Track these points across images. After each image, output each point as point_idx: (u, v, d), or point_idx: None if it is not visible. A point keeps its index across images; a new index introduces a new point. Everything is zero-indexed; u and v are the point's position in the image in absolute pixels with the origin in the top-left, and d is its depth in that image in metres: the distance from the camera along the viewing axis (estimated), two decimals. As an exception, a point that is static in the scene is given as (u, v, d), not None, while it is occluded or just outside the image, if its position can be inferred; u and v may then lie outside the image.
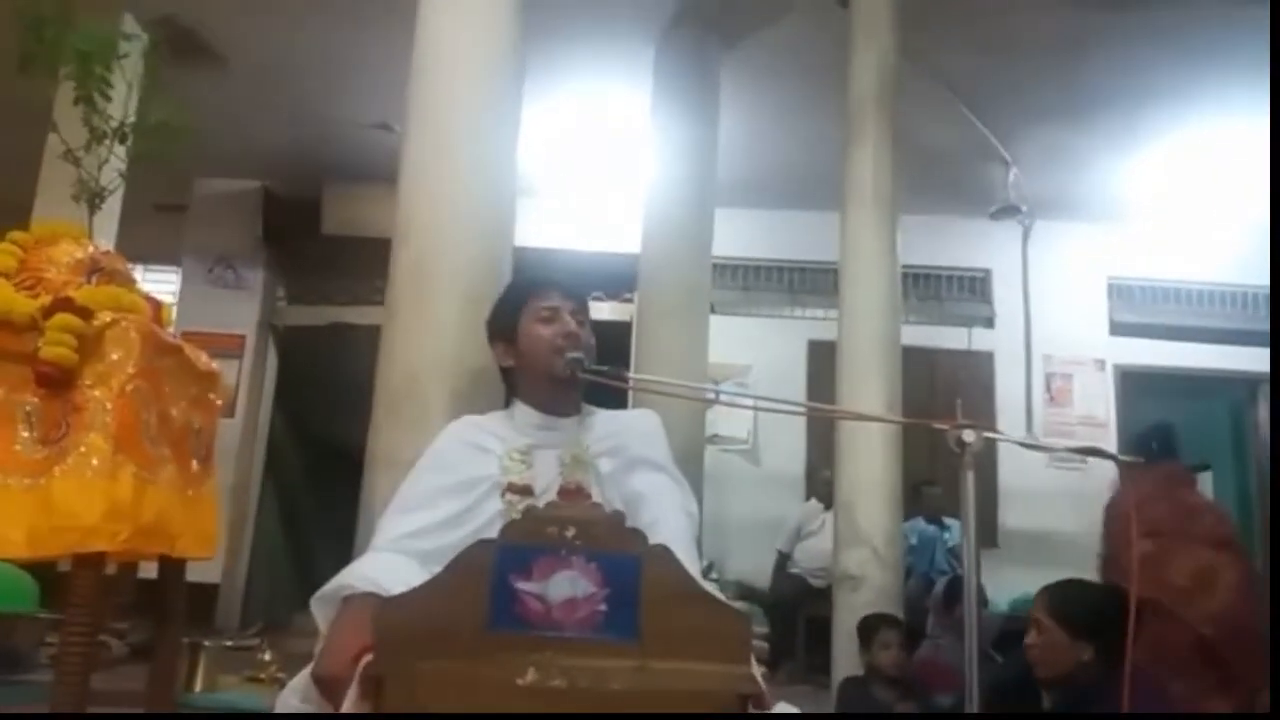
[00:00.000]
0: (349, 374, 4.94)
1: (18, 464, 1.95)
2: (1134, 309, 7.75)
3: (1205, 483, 8.37)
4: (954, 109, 6.11)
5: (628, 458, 1.80)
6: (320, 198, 7.37)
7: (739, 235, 7.02)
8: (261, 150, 7.12)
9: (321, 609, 1.58)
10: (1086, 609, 2.51)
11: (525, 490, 1.74)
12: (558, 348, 1.79)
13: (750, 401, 6.60)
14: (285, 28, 5.65)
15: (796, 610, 5.97)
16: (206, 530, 2.19)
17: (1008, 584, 5.97)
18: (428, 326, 3.30)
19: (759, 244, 7.61)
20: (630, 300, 6.69)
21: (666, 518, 1.68)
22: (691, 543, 1.71)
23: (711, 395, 5.68)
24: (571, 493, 1.74)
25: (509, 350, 1.87)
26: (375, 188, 5.78)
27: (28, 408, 1.98)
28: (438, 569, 1.29)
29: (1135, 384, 7.60)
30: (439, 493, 1.73)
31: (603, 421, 1.87)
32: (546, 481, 1.76)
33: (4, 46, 2.51)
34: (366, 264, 6.21)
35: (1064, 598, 2.61)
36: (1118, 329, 7.70)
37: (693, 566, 1.49)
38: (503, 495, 1.73)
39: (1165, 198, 7.22)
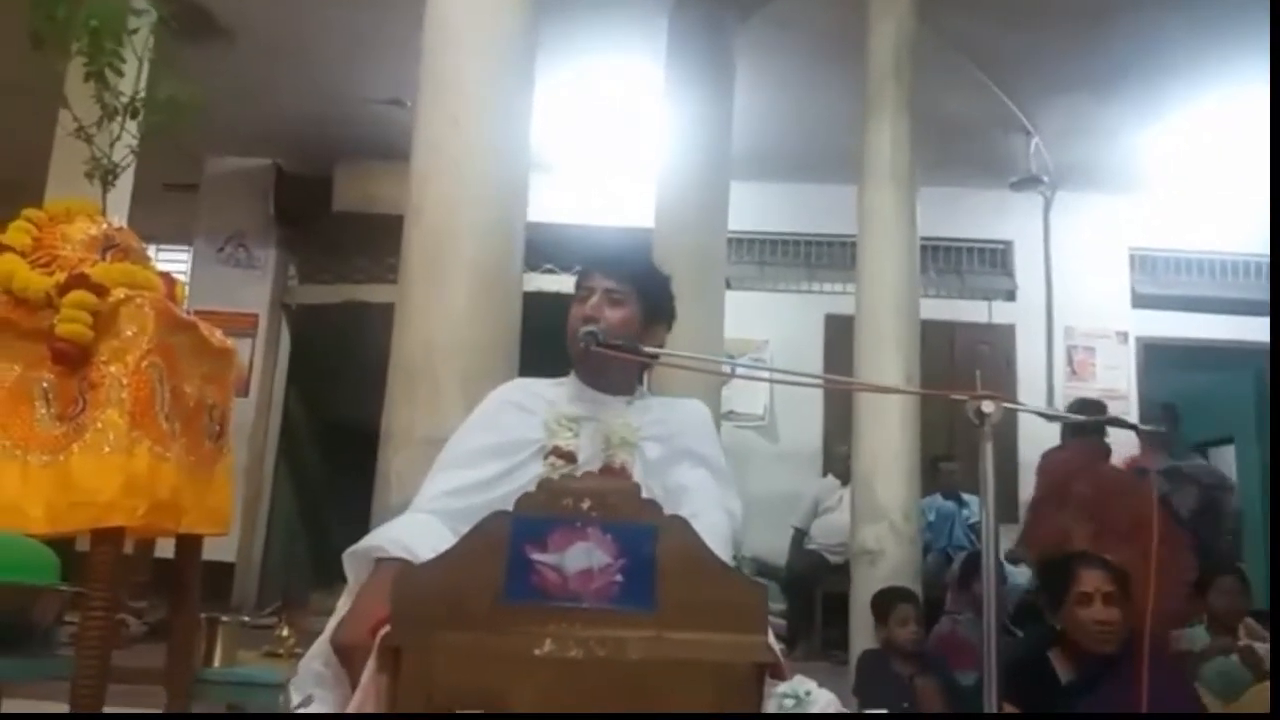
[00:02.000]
0: (362, 352, 4.95)
1: (36, 440, 1.95)
2: (1156, 280, 7.67)
3: (1227, 456, 8.32)
4: (974, 78, 6.03)
5: (675, 447, 1.81)
6: (332, 175, 7.36)
7: (754, 209, 6.96)
8: (272, 128, 7.11)
9: (353, 565, 1.61)
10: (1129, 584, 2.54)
11: (569, 457, 1.76)
12: (574, 328, 1.80)
13: (767, 374, 6.57)
14: (294, 2, 5.61)
15: (814, 586, 5.97)
16: (220, 507, 2.19)
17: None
18: (441, 303, 3.30)
19: (775, 217, 7.55)
20: (645, 276, 6.65)
21: (704, 513, 1.66)
22: (726, 540, 1.70)
23: (727, 369, 5.65)
24: (615, 471, 1.74)
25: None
26: (387, 164, 5.77)
27: (44, 384, 1.98)
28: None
29: (1158, 356, 7.53)
30: (481, 452, 1.76)
31: (655, 406, 1.88)
32: (589, 454, 1.77)
33: (13, 24, 2.50)
34: (379, 241, 6.23)
35: (1121, 571, 2.62)
36: (1140, 301, 7.63)
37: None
38: (546, 458, 1.75)
39: (1188, 168, 7.12)
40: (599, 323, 1.78)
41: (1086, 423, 3.84)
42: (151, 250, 2.37)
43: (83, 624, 1.93)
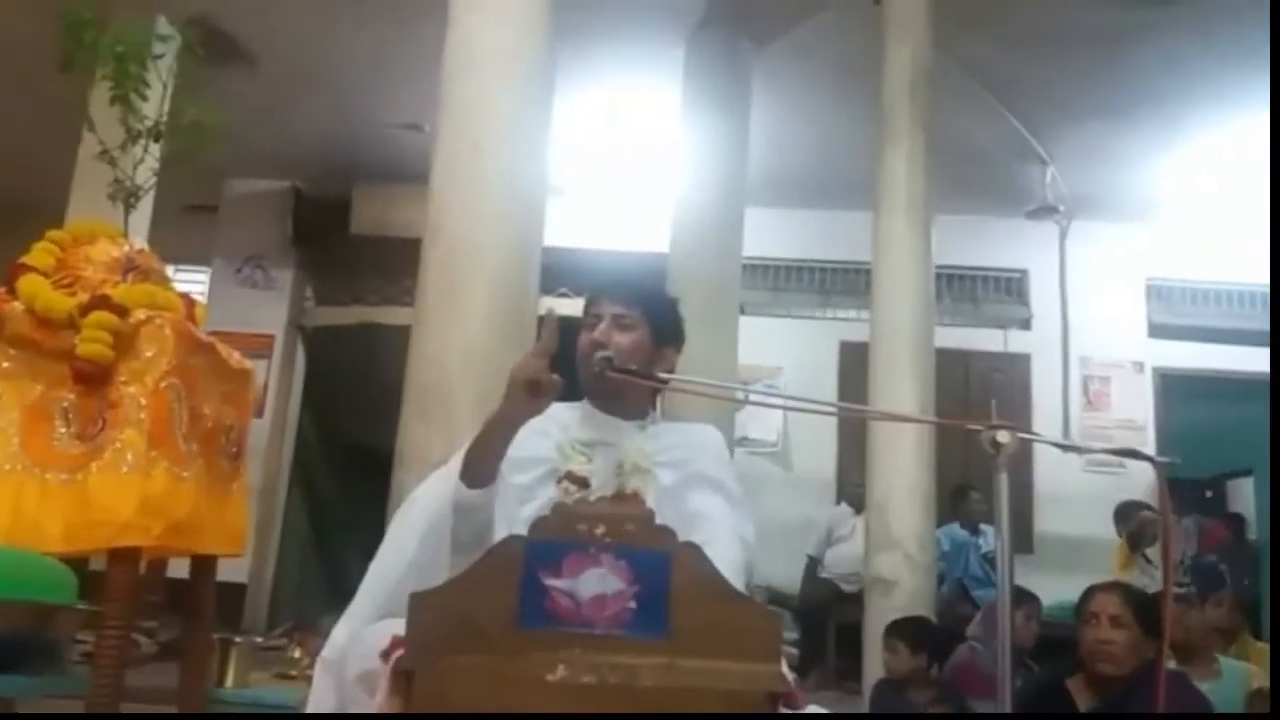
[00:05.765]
0: (377, 374, 4.98)
1: (55, 459, 1.97)
2: (1174, 310, 7.63)
3: (1246, 488, 8.23)
4: (990, 106, 6.05)
5: (689, 473, 1.81)
6: (350, 198, 7.42)
7: (769, 235, 6.97)
8: (292, 150, 7.18)
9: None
10: (1156, 610, 2.53)
11: (583, 482, 1.75)
12: (584, 354, 1.81)
13: (780, 401, 6.56)
14: (316, 28, 5.69)
15: (826, 615, 5.92)
16: (235, 527, 2.20)
17: (1042, 590, 5.84)
18: (457, 326, 3.31)
19: (790, 244, 7.56)
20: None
21: (718, 540, 1.64)
22: (741, 568, 1.69)
23: (741, 396, 5.64)
24: (628, 498, 1.73)
25: None
26: (405, 188, 5.81)
27: (65, 404, 2.01)
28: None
29: (1175, 387, 7.48)
30: None
31: (667, 431, 1.88)
32: (602, 479, 1.77)
33: (38, 48, 2.55)
34: (396, 264, 6.25)
35: (1139, 597, 2.65)
36: (1157, 331, 7.58)
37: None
38: (559, 482, 1.75)
39: (1206, 197, 7.09)
40: (608, 348, 1.79)
41: None
42: (170, 270, 2.40)
43: (99, 643, 1.93)
